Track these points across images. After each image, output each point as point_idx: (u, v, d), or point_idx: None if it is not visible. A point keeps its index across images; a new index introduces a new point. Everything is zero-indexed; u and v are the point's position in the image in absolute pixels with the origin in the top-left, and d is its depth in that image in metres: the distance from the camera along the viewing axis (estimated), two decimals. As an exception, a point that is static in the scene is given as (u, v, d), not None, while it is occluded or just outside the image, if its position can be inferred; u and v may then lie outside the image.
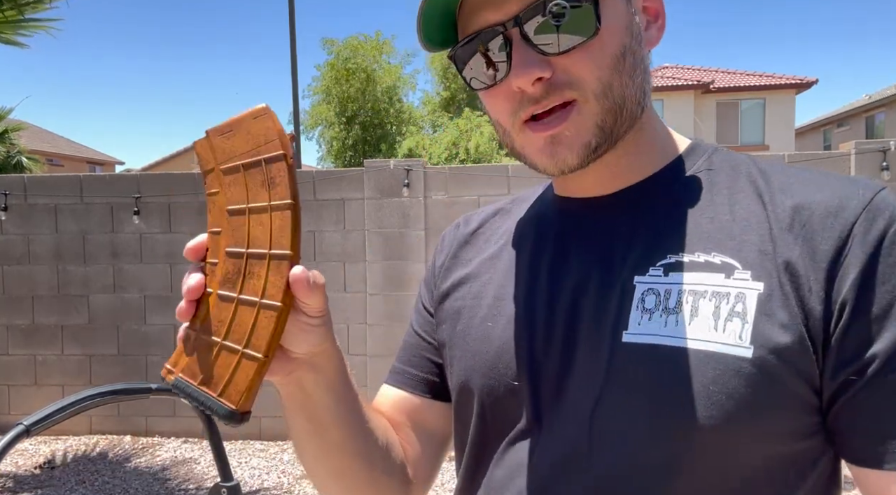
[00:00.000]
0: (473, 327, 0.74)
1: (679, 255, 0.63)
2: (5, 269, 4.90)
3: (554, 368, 0.66)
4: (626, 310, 0.63)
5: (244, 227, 0.56)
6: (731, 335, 0.58)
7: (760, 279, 0.59)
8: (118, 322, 4.86)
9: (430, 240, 4.59)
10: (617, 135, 0.65)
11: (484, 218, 0.86)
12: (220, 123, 0.58)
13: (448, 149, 14.23)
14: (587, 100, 0.63)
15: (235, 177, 0.57)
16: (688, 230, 0.65)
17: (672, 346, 0.60)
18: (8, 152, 13.45)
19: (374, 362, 4.63)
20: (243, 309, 0.56)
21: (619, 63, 0.63)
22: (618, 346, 0.62)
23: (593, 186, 0.72)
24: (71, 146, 28.98)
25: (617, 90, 0.63)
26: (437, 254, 0.87)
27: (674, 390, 0.58)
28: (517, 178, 4.50)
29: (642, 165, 0.70)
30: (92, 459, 4.48)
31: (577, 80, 0.62)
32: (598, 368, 0.63)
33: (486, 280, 0.77)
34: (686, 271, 0.62)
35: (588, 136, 0.64)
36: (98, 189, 4.83)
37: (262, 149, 0.56)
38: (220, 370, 0.56)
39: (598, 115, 0.63)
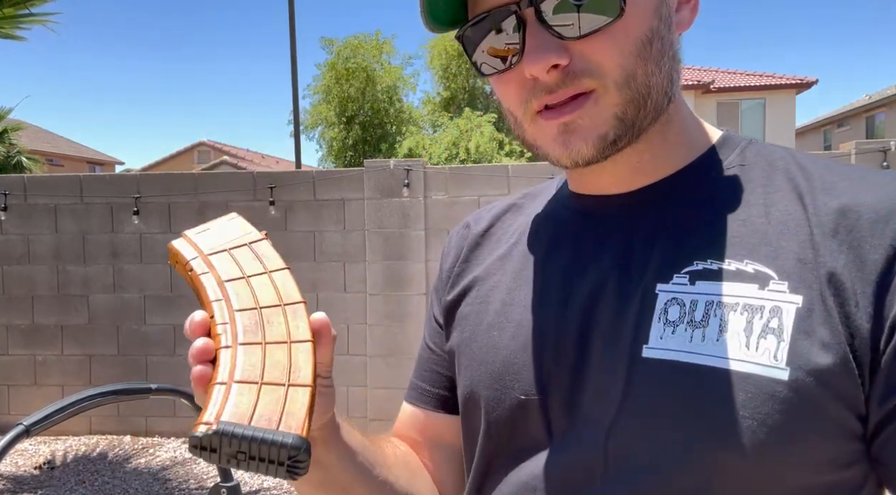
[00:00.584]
0: (479, 334, 0.69)
1: (707, 262, 0.57)
2: (5, 269, 4.90)
3: (565, 382, 0.61)
4: (647, 321, 0.57)
5: (247, 290, 0.56)
6: (764, 354, 0.52)
7: (799, 291, 0.53)
8: (118, 322, 4.86)
9: (430, 240, 4.59)
10: (640, 128, 0.59)
11: (495, 215, 0.80)
12: (196, 227, 0.62)
13: (448, 149, 14.23)
14: (607, 89, 0.57)
15: (223, 257, 0.59)
16: (717, 234, 0.58)
17: (698, 365, 0.54)
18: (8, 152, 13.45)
19: (373, 362, 4.63)
20: (274, 349, 0.53)
21: (644, 49, 0.57)
22: (637, 362, 0.56)
23: (612, 183, 0.65)
24: (71, 146, 28.98)
25: (641, 79, 0.57)
26: (445, 258, 0.82)
27: (700, 415, 0.53)
28: (517, 178, 4.50)
29: (668, 161, 0.64)
30: (92, 459, 4.48)
31: (597, 68, 0.56)
32: (614, 385, 0.57)
33: (494, 283, 0.72)
34: (715, 280, 0.56)
35: (605, 128, 0.58)
36: (98, 189, 4.83)
37: (243, 238, 0.61)
38: (269, 406, 0.50)
39: (618, 106, 0.57)
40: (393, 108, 17.47)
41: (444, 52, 17.64)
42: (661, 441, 0.54)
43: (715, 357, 0.53)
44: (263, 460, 0.47)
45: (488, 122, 14.55)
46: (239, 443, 0.47)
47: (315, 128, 18.21)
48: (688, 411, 0.53)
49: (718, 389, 0.52)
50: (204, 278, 0.57)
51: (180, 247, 0.60)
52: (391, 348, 4.64)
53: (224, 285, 0.57)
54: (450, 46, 17.50)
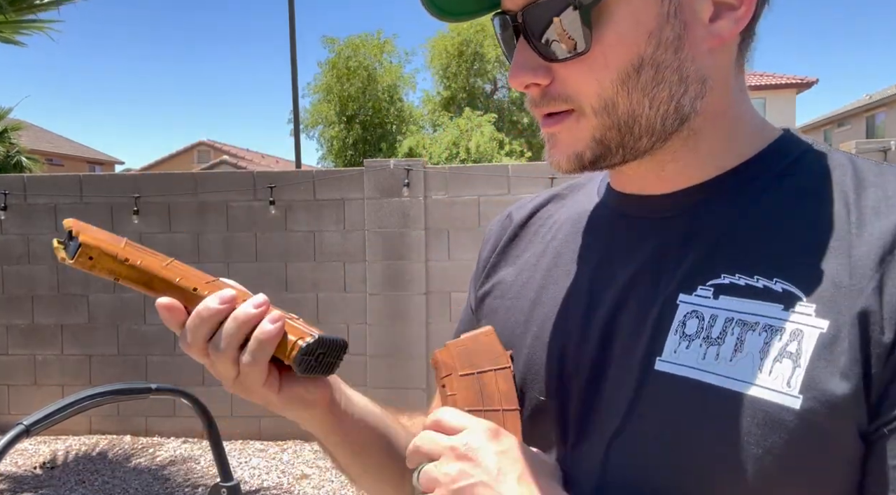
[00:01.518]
0: (506, 330, 0.68)
1: (734, 276, 0.54)
2: (5, 269, 4.90)
3: (583, 386, 0.60)
4: (664, 332, 0.55)
5: None
6: (777, 379, 0.49)
7: (826, 316, 0.49)
8: (118, 322, 4.86)
9: (430, 240, 4.58)
10: (633, 150, 0.58)
11: (537, 205, 0.77)
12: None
13: (448, 149, 14.23)
14: (584, 113, 0.56)
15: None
16: (750, 246, 0.55)
17: (707, 384, 0.51)
18: (7, 152, 13.45)
19: (373, 362, 4.63)
20: None
21: (629, 78, 0.54)
22: (648, 374, 0.55)
23: (648, 181, 0.62)
24: (70, 146, 28.98)
25: (623, 108, 0.55)
26: (483, 247, 0.80)
27: (702, 437, 0.51)
28: (517, 178, 4.50)
29: (702, 168, 0.60)
30: (92, 459, 4.48)
31: (574, 95, 0.56)
32: (624, 395, 0.56)
33: (526, 279, 0.71)
34: (739, 296, 0.53)
35: (581, 147, 0.58)
36: (97, 189, 4.83)
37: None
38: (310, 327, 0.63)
39: (597, 130, 0.57)
40: (393, 108, 17.47)
41: (444, 51, 17.63)
42: (659, 459, 0.52)
43: (725, 377, 0.51)
44: (331, 357, 0.62)
45: (488, 121, 14.55)
46: (325, 344, 0.61)
47: (315, 128, 18.22)
48: (690, 431, 0.51)
49: (724, 412, 0.50)
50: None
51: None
52: (391, 348, 4.63)
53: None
54: (449, 45, 17.50)
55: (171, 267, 0.65)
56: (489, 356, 0.63)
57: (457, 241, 4.57)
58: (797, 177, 0.58)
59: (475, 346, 0.63)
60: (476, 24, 17.05)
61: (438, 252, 4.59)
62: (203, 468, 4.31)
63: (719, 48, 0.57)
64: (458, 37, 17.38)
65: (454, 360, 0.63)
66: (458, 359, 0.63)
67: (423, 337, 4.59)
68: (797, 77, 21.82)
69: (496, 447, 0.54)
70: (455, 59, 17.52)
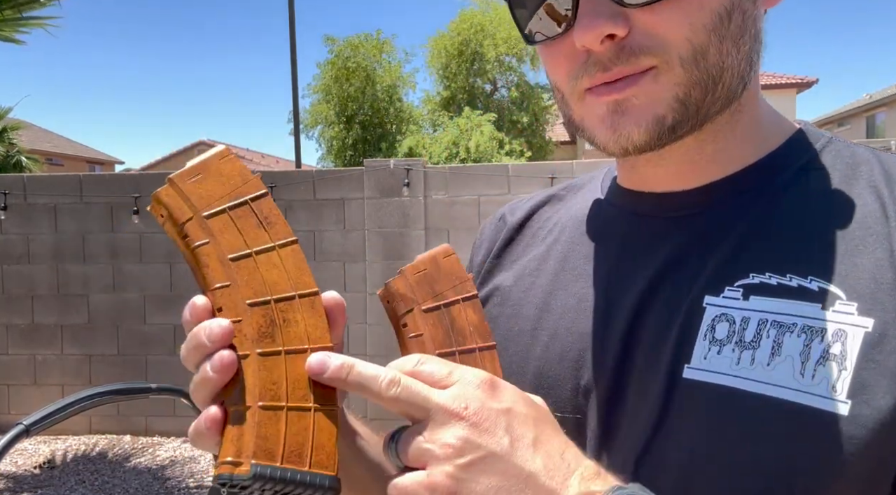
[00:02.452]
0: (511, 341, 0.63)
1: (765, 275, 0.50)
2: (5, 269, 4.90)
3: (603, 399, 0.55)
4: (691, 337, 0.51)
5: (257, 274, 0.48)
6: (822, 383, 0.45)
7: (870, 314, 0.46)
8: (118, 322, 4.86)
9: (430, 240, 4.58)
10: (705, 116, 0.51)
11: (533, 207, 0.72)
12: (184, 168, 0.50)
13: (448, 149, 14.23)
14: (670, 66, 0.49)
15: (223, 222, 0.49)
16: (780, 244, 0.51)
17: (744, 391, 0.47)
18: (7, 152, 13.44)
19: (373, 362, 4.61)
20: (293, 361, 0.46)
21: (721, 24, 0.48)
22: (676, 382, 0.50)
23: (667, 178, 0.58)
24: (70, 145, 28.98)
25: (713, 59, 0.49)
26: (476, 251, 0.74)
27: (742, 449, 0.46)
28: (517, 178, 4.50)
29: (733, 156, 0.56)
30: (92, 459, 4.48)
31: (661, 43, 0.48)
32: (650, 406, 0.51)
33: (528, 285, 0.65)
34: (771, 296, 0.49)
35: (662, 109, 0.50)
36: (97, 188, 4.83)
37: (242, 189, 0.50)
38: (297, 438, 0.45)
39: (681, 86, 0.49)
40: (393, 108, 17.47)
41: (444, 50, 17.63)
42: (694, 476, 0.48)
43: (764, 383, 0.47)
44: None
45: (488, 121, 14.55)
46: (273, 488, 0.43)
47: (315, 128, 18.21)
48: (728, 443, 0.47)
49: (765, 421, 0.46)
50: (204, 252, 0.48)
51: (170, 201, 0.49)
52: (391, 348, 4.62)
53: (229, 265, 0.47)
54: (449, 45, 17.50)
55: (243, 266, 0.48)
56: (452, 281, 0.52)
57: (457, 241, 4.57)
58: (823, 171, 0.54)
59: (434, 271, 0.52)
60: (475, 24, 17.05)
61: (438, 252, 4.58)
62: (203, 468, 4.30)
63: (763, 15, 0.53)
64: (457, 37, 17.37)
65: (413, 292, 0.51)
66: (419, 290, 0.51)
67: (423, 336, 4.59)
68: (797, 77, 21.81)
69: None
70: (455, 59, 17.51)
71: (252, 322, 0.46)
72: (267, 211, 0.50)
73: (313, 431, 0.45)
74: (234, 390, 0.45)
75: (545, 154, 17.38)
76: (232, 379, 0.45)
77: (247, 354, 0.46)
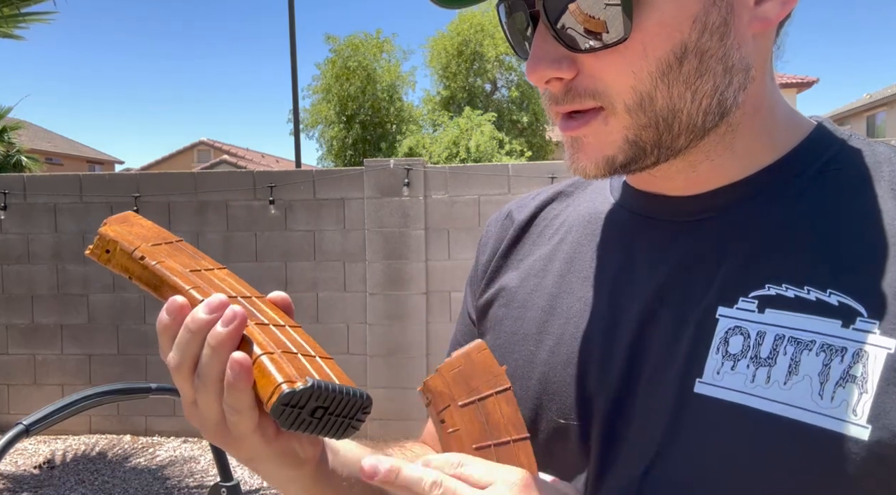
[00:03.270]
0: (515, 344, 0.61)
1: (781, 287, 0.48)
2: (5, 269, 4.89)
3: (608, 410, 0.54)
4: (703, 350, 0.49)
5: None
6: (841, 406, 0.44)
7: (893, 334, 0.44)
8: (118, 321, 4.86)
9: (430, 240, 4.58)
10: (670, 149, 0.51)
11: (540, 203, 0.70)
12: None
13: (448, 149, 14.24)
14: (615, 111, 0.49)
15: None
16: (796, 253, 0.49)
17: (758, 410, 0.46)
18: (7, 151, 13.44)
19: (373, 362, 4.63)
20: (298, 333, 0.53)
21: (670, 69, 0.48)
22: (686, 397, 0.49)
23: (678, 181, 0.56)
24: (70, 145, 28.98)
25: (661, 103, 0.49)
26: (482, 250, 0.72)
27: (754, 470, 0.45)
28: (517, 178, 4.50)
29: (737, 166, 0.54)
30: (91, 459, 4.48)
31: (604, 89, 0.49)
32: (659, 421, 0.50)
33: (533, 286, 0.63)
34: (789, 310, 0.47)
35: (611, 150, 0.51)
36: (97, 188, 4.83)
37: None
38: (319, 371, 0.49)
39: (628, 130, 0.50)
40: (393, 107, 17.47)
41: (444, 50, 17.63)
42: (705, 494, 0.47)
43: (780, 403, 0.45)
44: (338, 415, 0.47)
45: (488, 121, 14.55)
46: (326, 397, 0.46)
47: (315, 127, 18.21)
48: (740, 464, 0.45)
49: (780, 442, 0.44)
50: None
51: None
52: (391, 348, 4.63)
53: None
54: (449, 45, 17.49)
55: (202, 275, 0.54)
56: (486, 376, 0.54)
57: (457, 241, 4.57)
58: (841, 173, 0.52)
59: (469, 367, 0.54)
60: (475, 24, 17.05)
61: (438, 251, 4.59)
62: (203, 468, 4.30)
63: (762, 33, 0.51)
64: (457, 36, 17.37)
65: (450, 388, 0.53)
66: (455, 386, 0.53)
67: (423, 336, 4.59)
68: (797, 77, 21.82)
69: None
70: (455, 59, 17.51)
71: None
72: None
73: (325, 368, 0.49)
74: (253, 345, 0.48)
75: (545, 154, 17.38)
76: (246, 337, 0.49)
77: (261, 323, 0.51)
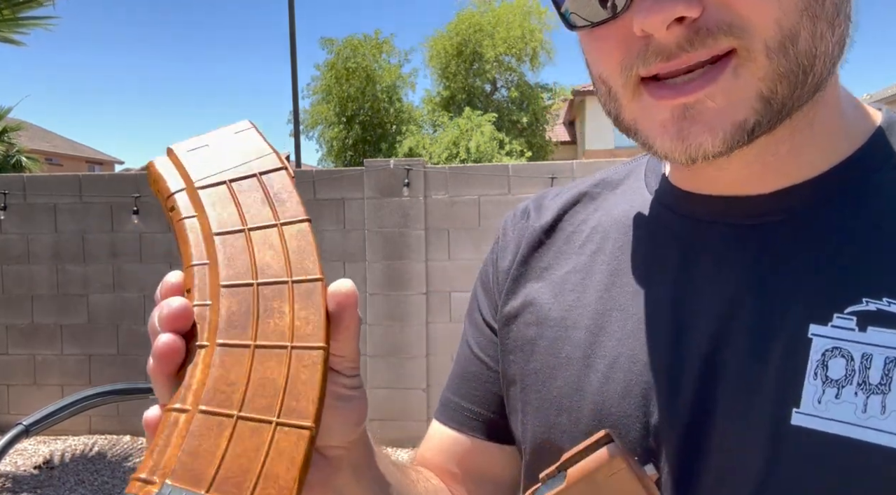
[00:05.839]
0: (558, 369, 0.53)
1: (881, 301, 0.41)
2: (4, 269, 4.89)
3: (678, 445, 0.46)
4: (798, 375, 0.42)
5: (245, 254, 0.41)
6: None
7: None
8: (117, 322, 4.85)
9: (430, 240, 4.58)
10: (788, 111, 0.43)
11: (562, 206, 0.61)
12: (189, 139, 0.45)
13: (448, 149, 14.25)
14: (752, 55, 0.40)
15: (220, 194, 0.42)
16: (890, 261, 0.43)
17: (877, 446, 0.39)
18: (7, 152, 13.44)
19: (374, 362, 4.63)
20: (266, 358, 0.38)
21: (815, 1, 0.40)
22: (782, 431, 0.42)
23: (736, 180, 0.48)
24: (70, 145, 28.98)
25: (804, 44, 0.40)
26: (500, 253, 0.64)
27: None
28: (517, 178, 4.49)
29: (814, 156, 0.47)
30: (91, 459, 4.48)
31: (742, 23, 0.39)
32: (750, 460, 0.43)
33: (571, 302, 0.55)
34: (895, 329, 0.41)
35: (744, 112, 0.41)
36: (97, 188, 4.82)
37: (255, 163, 0.44)
38: (241, 461, 0.35)
39: (765, 81, 0.41)
40: (393, 108, 17.47)
41: (443, 51, 17.63)
42: None
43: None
44: None
45: (488, 121, 14.56)
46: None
47: (315, 128, 18.22)
48: None
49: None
50: (188, 225, 0.42)
51: (163, 170, 0.44)
52: (391, 348, 4.63)
53: (213, 240, 0.41)
54: (448, 45, 17.50)
55: (232, 243, 0.41)
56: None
57: (457, 241, 4.57)
58: None
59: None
60: (474, 24, 17.05)
61: (438, 252, 4.59)
62: (203, 468, 4.30)
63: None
64: (456, 37, 17.38)
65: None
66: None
67: (423, 336, 4.59)
68: (797, 77, 21.85)
69: None
70: (454, 59, 17.51)
71: (223, 307, 0.39)
72: (279, 186, 0.43)
73: (267, 454, 0.35)
74: (180, 386, 0.37)
75: (545, 154, 17.38)
76: (182, 370, 0.38)
77: (204, 345, 0.38)
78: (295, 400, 0.37)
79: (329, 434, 0.42)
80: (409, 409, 4.54)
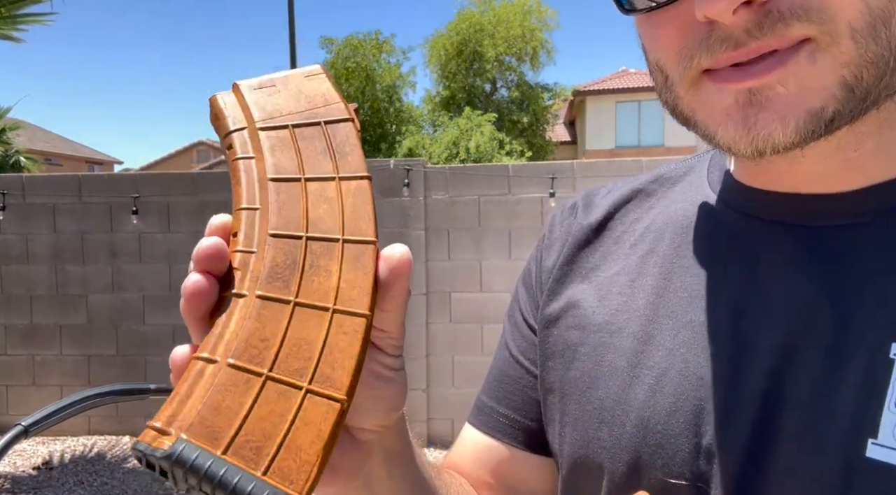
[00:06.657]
0: (600, 379, 0.49)
1: None
2: (3, 269, 4.88)
3: (734, 470, 0.41)
4: (874, 402, 0.37)
5: (299, 204, 0.38)
6: None
7: None
8: (117, 322, 4.85)
9: (430, 240, 4.57)
10: (874, 100, 0.38)
11: (614, 203, 0.57)
12: (258, 78, 0.43)
13: (448, 149, 14.26)
14: (834, 39, 0.36)
15: (281, 138, 0.40)
16: None
17: None
18: (6, 152, 13.44)
19: (373, 362, 4.62)
20: (304, 318, 0.35)
21: None
22: (856, 464, 0.37)
23: (812, 177, 0.43)
24: (69, 145, 28.98)
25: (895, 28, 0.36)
26: (545, 251, 0.59)
27: None
28: (517, 178, 4.49)
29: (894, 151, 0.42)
30: (90, 460, 4.47)
31: (823, 7, 0.35)
32: (815, 490, 0.39)
33: (617, 306, 0.51)
34: None
35: (819, 100, 0.37)
36: (96, 188, 4.82)
37: (321, 111, 0.42)
38: (264, 425, 0.32)
39: (850, 67, 0.36)
40: (393, 108, 17.48)
41: (443, 50, 17.64)
42: None
43: None
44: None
45: (488, 121, 14.57)
46: (197, 483, 0.31)
47: (314, 128, 18.24)
48: None
49: None
50: (242, 166, 0.39)
51: (225, 106, 0.42)
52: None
53: (267, 186, 0.39)
54: (448, 45, 17.51)
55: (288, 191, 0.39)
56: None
57: (457, 241, 4.56)
58: None
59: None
60: (474, 24, 17.06)
61: (438, 252, 4.58)
62: (202, 468, 4.30)
63: None
64: (456, 36, 17.39)
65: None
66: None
67: (423, 337, 4.58)
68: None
69: None
70: (454, 59, 17.52)
71: (268, 257, 0.36)
72: (343, 138, 0.42)
73: (293, 422, 0.33)
74: (209, 334, 0.35)
75: (545, 154, 17.39)
76: (214, 317, 0.36)
77: (243, 294, 0.35)
78: (330, 367, 0.35)
79: (360, 414, 0.39)
80: (409, 409, 4.51)
